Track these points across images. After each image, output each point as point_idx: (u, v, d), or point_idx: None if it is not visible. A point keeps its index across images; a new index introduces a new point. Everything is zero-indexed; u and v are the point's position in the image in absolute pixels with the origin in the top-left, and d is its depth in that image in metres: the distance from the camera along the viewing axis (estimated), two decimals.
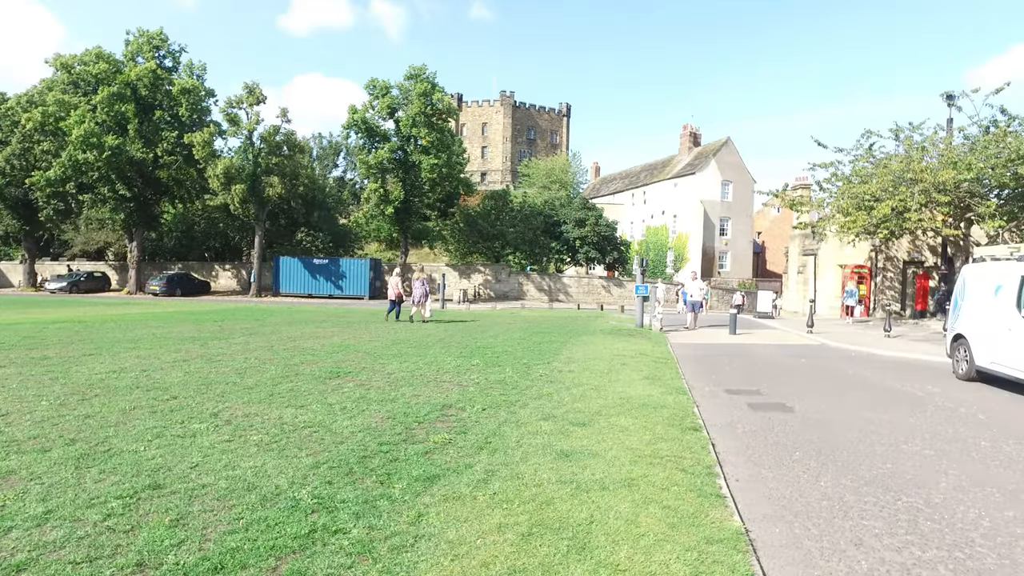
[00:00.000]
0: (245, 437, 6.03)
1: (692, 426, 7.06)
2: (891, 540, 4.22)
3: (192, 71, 41.42)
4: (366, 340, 14.84)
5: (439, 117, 39.89)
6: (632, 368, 11.29)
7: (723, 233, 58.16)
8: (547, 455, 5.68)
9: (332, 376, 9.50)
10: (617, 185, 73.40)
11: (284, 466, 5.19)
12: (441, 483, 4.88)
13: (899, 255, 29.11)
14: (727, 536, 4.07)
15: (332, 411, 7.17)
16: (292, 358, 11.40)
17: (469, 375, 9.95)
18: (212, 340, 14.10)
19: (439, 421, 6.88)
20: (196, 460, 5.28)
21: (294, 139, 43.69)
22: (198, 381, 8.87)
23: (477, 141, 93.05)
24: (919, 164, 21.69)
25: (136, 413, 6.87)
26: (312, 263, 42.58)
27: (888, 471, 5.74)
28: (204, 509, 4.26)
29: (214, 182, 39.40)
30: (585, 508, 4.44)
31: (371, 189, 40.32)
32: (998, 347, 10.37)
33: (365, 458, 5.46)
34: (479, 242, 46.23)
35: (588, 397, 8.43)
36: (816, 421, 7.77)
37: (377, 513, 4.27)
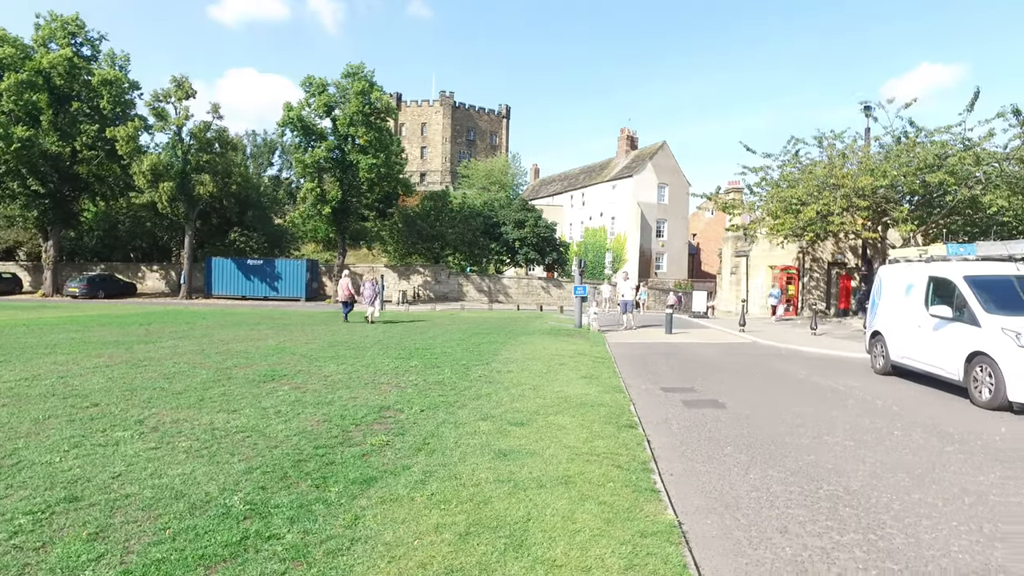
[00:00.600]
0: (173, 444, 5.80)
1: (628, 423, 7.21)
2: (813, 526, 4.42)
3: (114, 61, 39.32)
4: (303, 342, 14.50)
5: (377, 116, 39.32)
6: (570, 368, 11.43)
7: (660, 235, 59.61)
8: (485, 455, 5.69)
9: (267, 379, 9.25)
10: (556, 187, 74.18)
11: (215, 472, 5.02)
12: (378, 485, 4.83)
13: (824, 257, 30.51)
14: (661, 529, 4.17)
15: (266, 415, 6.98)
16: (224, 362, 11.03)
17: (407, 376, 9.86)
18: (138, 344, 13.49)
19: (377, 423, 6.79)
20: (119, 470, 5.05)
21: (226, 136, 42.24)
22: (122, 387, 8.47)
23: (416, 141, 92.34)
24: (840, 170, 22.78)
25: (51, 422, 6.50)
26: (246, 264, 41.29)
27: (812, 462, 6.01)
28: (127, 520, 4.08)
29: (140, 179, 37.60)
30: (523, 506, 4.48)
31: (307, 188, 39.37)
32: (910, 343, 11.02)
33: (300, 462, 5.34)
34: (418, 243, 45.85)
35: (527, 397, 8.49)
36: (747, 416, 8.06)
37: (312, 517, 4.18)
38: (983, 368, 8.89)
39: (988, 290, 9.69)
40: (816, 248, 29.82)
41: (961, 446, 6.70)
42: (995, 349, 8.70)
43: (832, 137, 24.94)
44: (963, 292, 9.75)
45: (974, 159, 20.44)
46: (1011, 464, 6.06)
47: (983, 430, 7.46)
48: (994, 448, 6.65)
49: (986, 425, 7.74)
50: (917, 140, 22.25)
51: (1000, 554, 4.03)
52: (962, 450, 6.54)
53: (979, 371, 8.97)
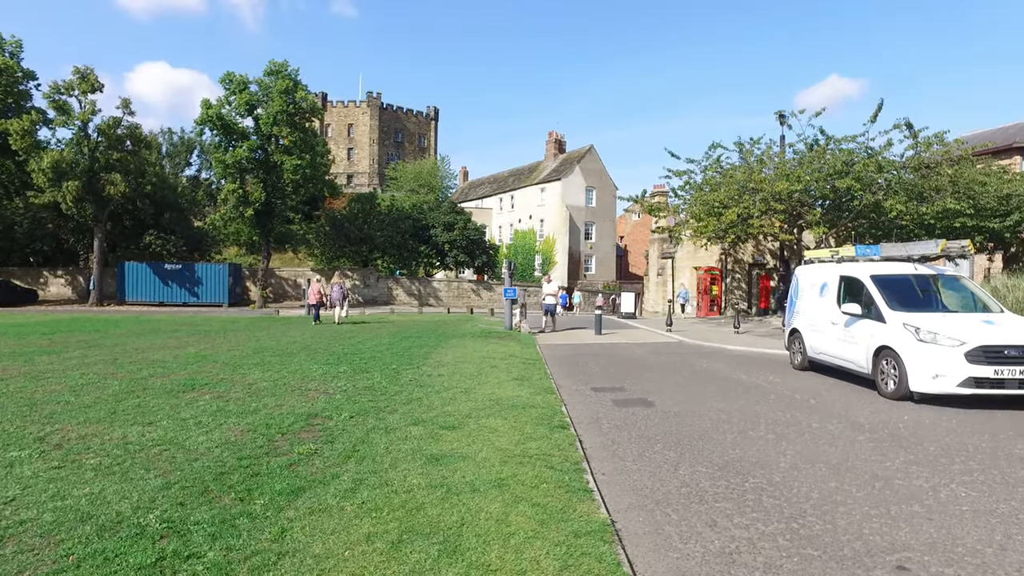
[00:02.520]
0: (80, 461, 5.42)
1: (560, 424, 7.25)
2: (740, 519, 4.57)
3: (3, 47, 36.63)
4: (225, 349, 13.90)
5: (302, 116, 38.24)
6: (502, 370, 11.43)
7: (588, 237, 60.67)
8: (417, 460, 5.60)
9: (186, 389, 8.80)
10: (485, 189, 74.31)
11: (128, 490, 4.72)
12: (306, 495, 4.66)
13: (745, 258, 31.82)
14: (594, 528, 4.20)
15: (185, 426, 6.63)
16: (139, 371, 10.42)
17: (336, 382, 9.60)
18: (39, 355, 12.59)
19: (304, 431, 6.57)
20: (13, 494, 4.66)
21: (139, 133, 40.00)
22: (19, 402, 7.87)
23: (343, 142, 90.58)
24: (759, 175, 23.83)
25: None
26: (164, 268, 39.31)
27: (737, 456, 6.22)
28: (21, 550, 3.76)
29: (39, 177, 35.11)
30: (456, 511, 4.42)
31: (229, 190, 37.84)
32: (825, 339, 11.62)
33: (223, 474, 5.09)
34: (346, 246, 44.91)
35: (458, 400, 8.42)
36: (675, 414, 8.27)
37: (236, 532, 3.99)
38: (888, 361, 9.47)
39: (891, 288, 10.35)
40: (738, 250, 31.06)
41: (871, 435, 7.10)
42: (898, 343, 9.28)
43: (751, 143, 26.08)
44: (870, 290, 10.37)
45: (876, 166, 21.83)
46: (912, 449, 6.46)
47: (889, 419, 7.94)
48: (898, 436, 7.08)
49: (892, 414, 8.24)
50: (827, 148, 23.55)
51: (904, 533, 4.31)
52: (872, 439, 6.93)
53: (885, 364, 9.55)
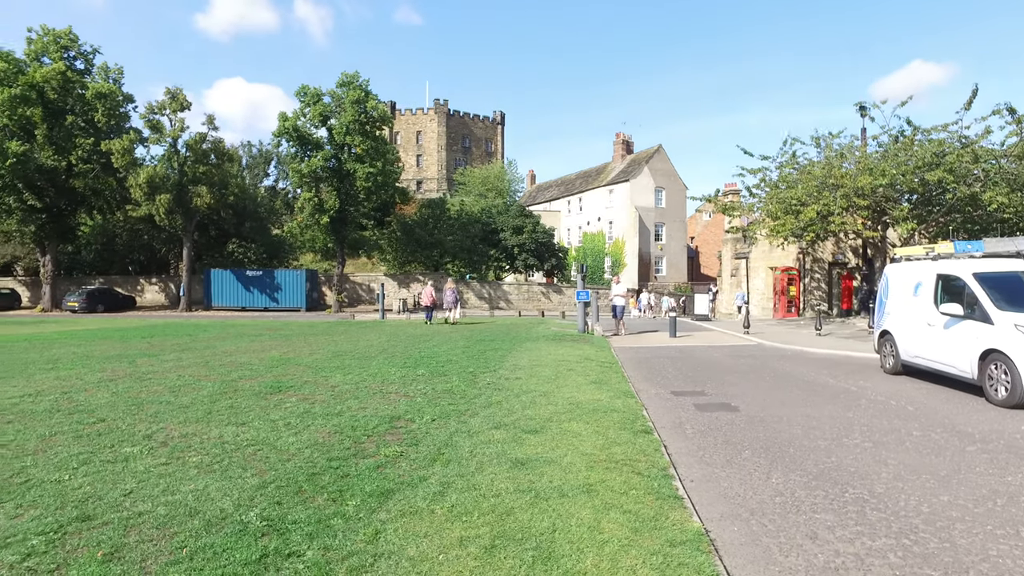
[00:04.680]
0: (184, 459, 5.69)
1: (643, 429, 7.11)
2: (843, 532, 4.33)
3: (108, 74, 39.37)
4: (307, 353, 14.38)
5: (373, 125, 39.34)
6: (578, 373, 11.33)
7: (658, 238, 59.69)
8: (502, 464, 5.59)
9: (273, 391, 9.13)
10: (553, 192, 74.27)
11: (228, 488, 4.91)
12: (396, 498, 4.72)
13: (825, 257, 30.50)
14: (689, 538, 4.08)
15: (276, 427, 6.87)
16: (229, 374, 10.91)
17: (415, 385, 9.75)
18: (141, 358, 13.36)
19: (388, 434, 6.69)
20: (130, 487, 4.94)
21: (222, 147, 42.20)
22: (127, 402, 8.35)
23: (412, 149, 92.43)
24: (839, 170, 22.79)
25: (57, 439, 6.39)
26: (245, 275, 41.18)
27: (833, 464, 5.92)
28: (142, 539, 3.97)
29: (136, 192, 37.58)
30: (546, 517, 4.37)
31: (305, 198, 39.33)
32: (920, 342, 10.94)
33: (315, 475, 5.23)
34: (417, 251, 45.78)
35: (538, 404, 8.39)
36: (760, 419, 7.97)
37: (332, 533, 4.08)
38: (998, 366, 8.80)
39: (998, 287, 9.62)
40: (816, 248, 29.82)
41: (983, 446, 6.61)
42: (1009, 346, 8.61)
43: (829, 137, 25.00)
44: (973, 289, 9.68)
45: (972, 157, 20.46)
46: None
47: (1004, 429, 7.37)
48: (1017, 447, 6.56)
49: (1006, 424, 7.65)
50: (915, 139, 22.29)
51: None
52: (984, 450, 6.45)
53: (994, 369, 8.88)
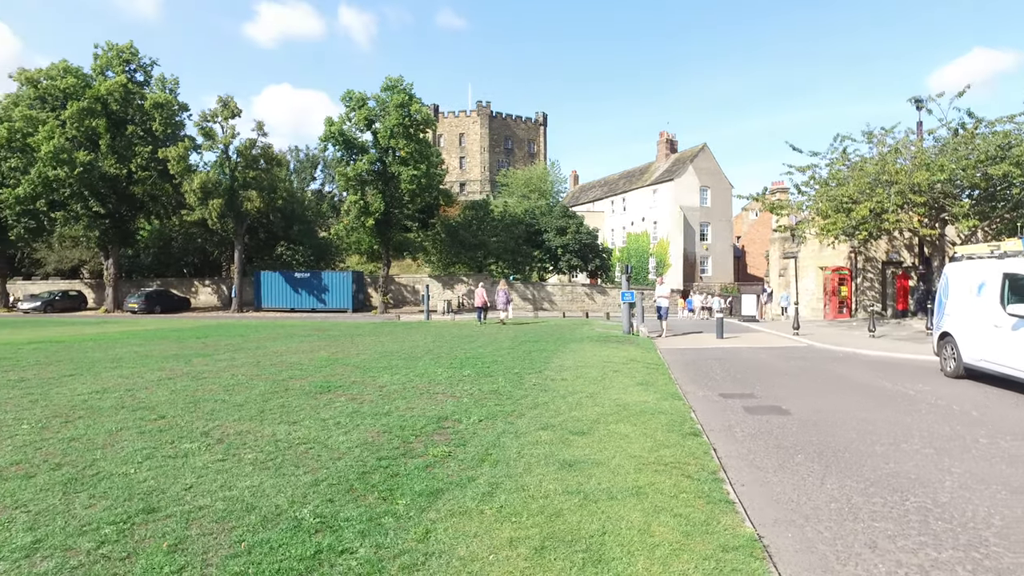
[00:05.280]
0: (239, 456, 5.86)
1: (691, 431, 7.02)
2: (905, 541, 4.18)
3: (164, 85, 40.95)
4: (354, 353, 14.64)
5: (417, 128, 39.78)
6: (625, 375, 11.25)
7: (703, 238, 58.73)
8: (550, 465, 5.59)
9: (323, 391, 9.33)
10: (596, 192, 73.86)
11: (282, 484, 5.04)
12: (445, 497, 4.77)
13: (878, 256, 29.53)
14: (742, 543, 4.01)
15: (326, 426, 7.01)
16: (280, 373, 11.19)
17: (462, 386, 9.82)
18: (196, 357, 13.82)
19: (436, 434, 6.76)
20: (190, 481, 5.11)
21: (271, 152, 43.31)
22: (185, 399, 8.65)
23: (455, 152, 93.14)
24: (893, 166, 22.03)
25: (123, 434, 6.66)
26: (294, 277, 42.14)
27: (891, 471, 5.73)
28: (203, 532, 4.11)
29: (191, 197, 38.89)
30: (596, 519, 4.36)
31: (351, 201, 40.04)
32: (986, 344, 10.48)
33: (365, 474, 5.32)
34: (461, 252, 46.11)
35: (584, 405, 8.36)
36: (813, 423, 7.77)
37: (383, 531, 4.14)
38: None
39: None
40: (869, 247, 28.91)
41: None
42: None
43: (883, 132, 24.18)
44: None
45: None
46: None
47: None
48: None
49: None
50: (976, 131, 21.38)
51: None
52: None
53: None
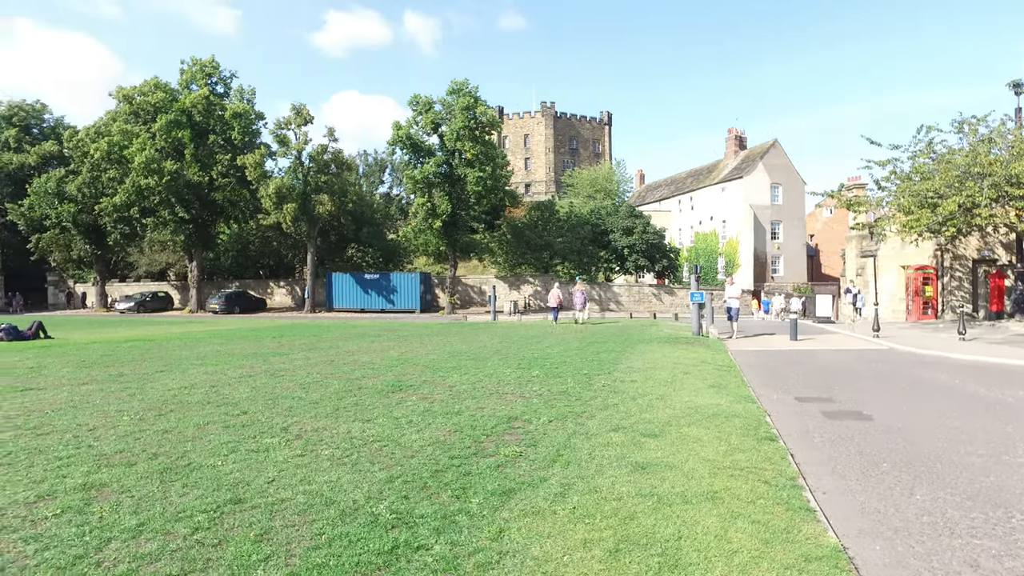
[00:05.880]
0: (317, 452, 6.06)
1: (767, 436, 6.81)
2: (1013, 562, 3.90)
3: (243, 96, 42.87)
4: (423, 353, 14.91)
5: (482, 130, 40.13)
6: (695, 377, 11.01)
7: (775, 237, 56.80)
8: (622, 467, 5.54)
9: (394, 390, 9.54)
10: (663, 192, 72.64)
11: (359, 480, 5.18)
12: (518, 497, 4.79)
13: (968, 253, 27.80)
14: (825, 553, 3.86)
15: (399, 425, 7.17)
16: (353, 372, 11.52)
17: (530, 387, 9.85)
18: (273, 356, 14.39)
19: (507, 434, 6.80)
20: (272, 475, 5.33)
21: (341, 157, 44.62)
22: (265, 396, 9.02)
23: (520, 153, 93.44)
24: (986, 157, 20.68)
25: (210, 428, 7.00)
26: (363, 278, 43.25)
27: (992, 484, 5.37)
28: (286, 524, 4.27)
29: (266, 202, 40.54)
30: (670, 523, 4.29)
31: (418, 204, 40.79)
32: None
33: (438, 472, 5.41)
34: (527, 253, 46.23)
35: (655, 407, 8.24)
36: (899, 430, 7.39)
37: (457, 528, 4.20)
38: None
39: None
40: (958, 244, 27.24)
41: None
42: None
43: (975, 121, 22.74)
44: None
45: None
46: None
47: None
48: None
49: None
50: None
51: None
52: None
53: None
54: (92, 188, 42.47)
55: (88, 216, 43.59)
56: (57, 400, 8.79)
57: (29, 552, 3.86)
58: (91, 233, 45.48)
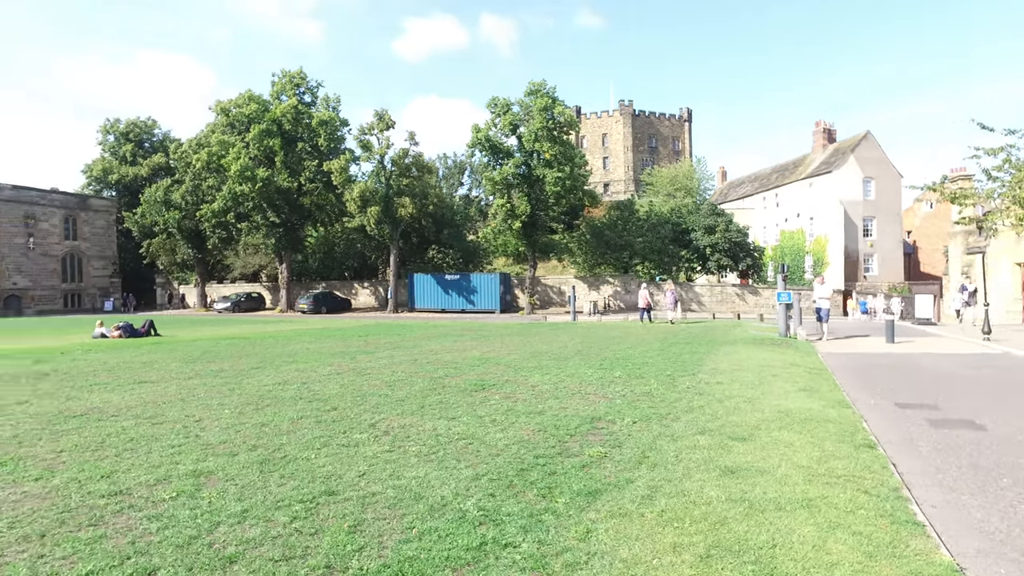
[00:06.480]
0: (404, 448, 6.22)
1: (865, 443, 6.45)
2: None
3: (328, 104, 44.63)
4: (504, 353, 15.04)
5: (560, 130, 40.06)
6: (784, 379, 10.59)
7: (867, 234, 53.73)
8: (710, 471, 5.39)
9: (477, 388, 9.67)
10: (746, 189, 70.21)
11: (446, 477, 5.27)
12: (604, 498, 4.75)
13: None
14: (938, 572, 3.62)
15: (483, 423, 7.26)
16: (436, 371, 11.75)
17: (613, 387, 9.75)
18: (359, 354, 14.89)
19: (591, 434, 6.76)
20: (363, 469, 5.50)
21: (422, 160, 45.63)
22: (353, 393, 9.34)
23: (598, 152, 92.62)
24: None
25: (303, 423, 7.32)
26: (444, 279, 44.04)
27: None
28: (377, 517, 4.40)
29: (351, 205, 42.01)
30: (764, 530, 4.13)
31: (497, 205, 41.16)
32: None
33: (523, 471, 5.44)
34: (606, 253, 45.80)
35: (742, 410, 7.98)
36: (1020, 442, 6.82)
37: (544, 528, 4.20)
38: None
39: None
40: None
41: None
42: None
43: None
44: None
45: None
46: None
47: None
48: None
49: None
50: None
51: None
52: None
53: None
54: (194, 196, 45.65)
55: (190, 222, 46.81)
56: (167, 393, 9.44)
57: (152, 530, 4.18)
58: (193, 238, 48.77)
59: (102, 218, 56.90)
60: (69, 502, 4.71)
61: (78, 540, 4.02)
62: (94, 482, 5.15)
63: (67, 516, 4.43)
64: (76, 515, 4.45)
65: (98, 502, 4.69)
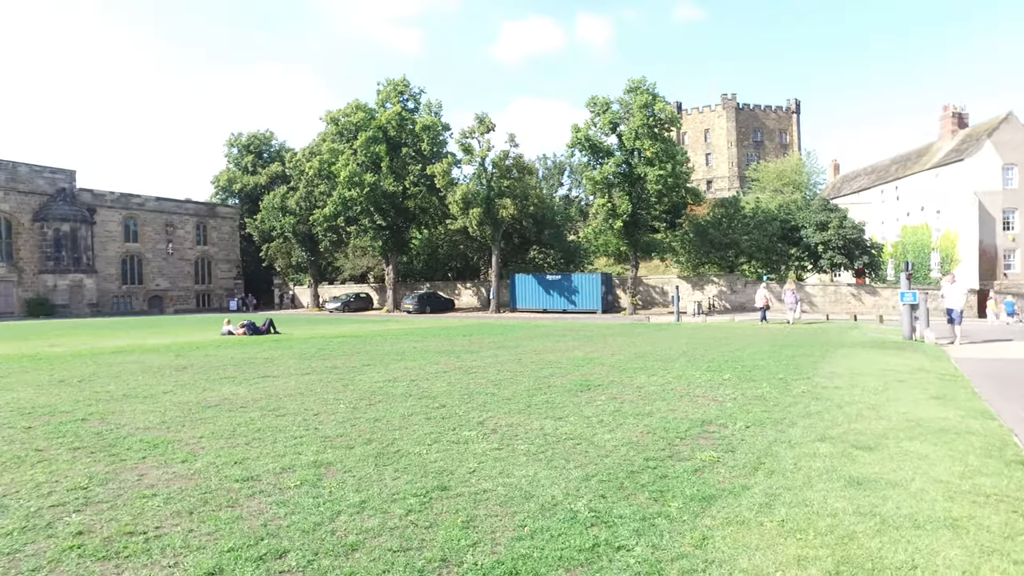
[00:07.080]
0: (512, 446, 6.27)
1: (1017, 459, 5.83)
2: None
3: (430, 109, 46.04)
4: (608, 353, 14.89)
5: (661, 127, 39.13)
6: (912, 386, 9.82)
7: (1007, 227, 48.84)
8: (834, 481, 5.07)
9: (582, 389, 9.62)
10: (862, 182, 65.75)
11: (555, 477, 5.27)
12: (719, 504, 4.58)
13: None
14: None
15: (590, 424, 7.21)
16: (541, 370, 11.81)
17: (723, 390, 9.41)
18: (464, 353, 15.21)
19: (701, 437, 6.55)
20: (473, 466, 5.60)
21: (522, 162, 46.00)
22: (460, 391, 9.55)
23: (700, 148, 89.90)
24: None
25: (413, 419, 7.55)
26: (545, 279, 44.18)
27: None
28: (489, 513, 4.46)
29: (454, 207, 43.05)
30: (900, 549, 3.83)
31: (598, 204, 40.80)
32: None
33: (633, 473, 5.34)
34: (710, 252, 44.33)
35: (866, 417, 7.46)
36: None
37: (658, 532, 4.11)
38: None
39: None
40: None
41: None
42: None
43: None
44: None
45: None
46: None
47: None
48: None
49: None
50: None
51: None
52: None
53: None
54: (307, 201, 48.56)
55: (304, 226, 49.84)
56: (287, 387, 10.05)
57: (280, 515, 4.46)
58: (306, 241, 51.80)
59: (228, 224, 62.36)
60: (209, 484, 5.14)
61: (219, 519, 4.37)
62: (229, 467, 5.58)
63: (208, 496, 4.84)
64: (216, 496, 4.85)
65: (233, 486, 5.08)
